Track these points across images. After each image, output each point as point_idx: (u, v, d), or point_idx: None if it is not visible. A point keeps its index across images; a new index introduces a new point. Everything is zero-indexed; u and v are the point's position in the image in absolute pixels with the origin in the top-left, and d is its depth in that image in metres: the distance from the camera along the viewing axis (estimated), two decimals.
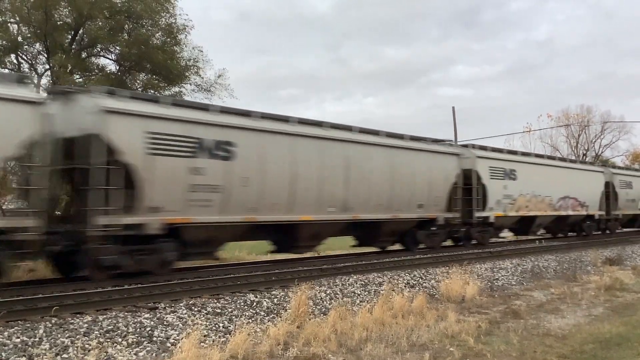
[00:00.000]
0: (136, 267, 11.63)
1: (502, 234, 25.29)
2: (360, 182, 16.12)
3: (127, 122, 11.41)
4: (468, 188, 20.21)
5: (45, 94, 10.98)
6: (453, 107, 38.10)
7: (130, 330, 8.23)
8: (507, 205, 21.89)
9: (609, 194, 29.33)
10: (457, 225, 19.92)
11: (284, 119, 14.73)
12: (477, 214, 20.34)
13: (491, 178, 21.06)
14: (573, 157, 49.45)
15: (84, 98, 11.53)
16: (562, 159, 31.21)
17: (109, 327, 8.18)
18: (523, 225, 23.89)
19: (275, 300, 10.60)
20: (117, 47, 21.41)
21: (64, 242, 10.99)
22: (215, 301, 10.07)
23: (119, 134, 11.26)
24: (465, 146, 21.71)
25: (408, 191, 17.81)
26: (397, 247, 19.40)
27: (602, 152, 57.14)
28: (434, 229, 18.99)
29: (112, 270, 11.26)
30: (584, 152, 56.47)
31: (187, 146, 12.20)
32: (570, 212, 26.11)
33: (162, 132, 11.87)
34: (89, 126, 11.08)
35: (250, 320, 9.39)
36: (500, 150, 23.37)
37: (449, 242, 21.37)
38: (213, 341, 8.14)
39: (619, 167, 36.33)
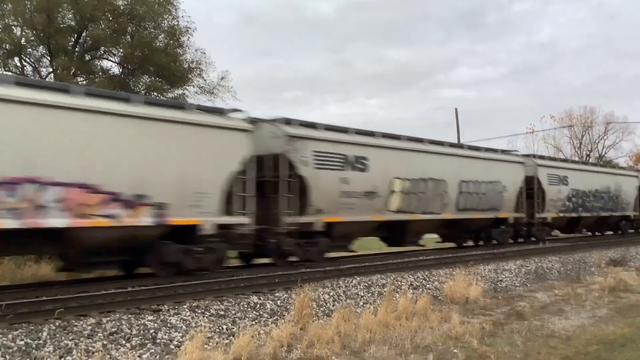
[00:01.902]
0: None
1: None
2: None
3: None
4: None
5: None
6: (456, 109, 38.23)
7: (134, 332, 8.24)
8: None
9: None
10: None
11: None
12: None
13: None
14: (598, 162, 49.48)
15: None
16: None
17: (113, 330, 8.18)
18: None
19: (279, 302, 10.59)
20: (120, 50, 21.48)
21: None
22: (219, 303, 10.07)
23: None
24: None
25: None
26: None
27: (605, 153, 57.09)
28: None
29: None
30: (588, 153, 56.41)
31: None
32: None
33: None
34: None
35: (253, 322, 9.39)
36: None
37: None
38: (217, 343, 8.14)
39: None
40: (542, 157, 25.94)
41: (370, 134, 17.10)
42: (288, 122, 15.02)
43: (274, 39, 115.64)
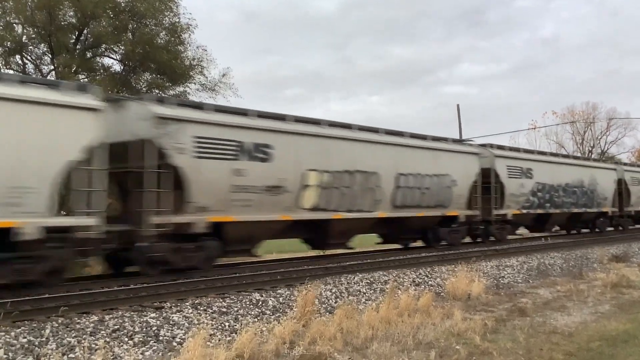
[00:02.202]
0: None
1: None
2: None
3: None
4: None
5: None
6: (458, 105, 38.03)
7: (137, 329, 8.25)
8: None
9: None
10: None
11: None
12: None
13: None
14: (579, 154, 49.36)
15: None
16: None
17: (116, 327, 8.20)
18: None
19: (281, 299, 10.61)
20: (122, 47, 21.45)
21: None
22: (221, 300, 10.08)
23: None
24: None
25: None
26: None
27: (607, 149, 56.99)
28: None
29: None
30: (590, 148, 56.31)
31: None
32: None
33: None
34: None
35: (256, 319, 9.39)
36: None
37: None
38: (219, 340, 8.15)
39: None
40: (501, 147, 22.96)
41: (280, 117, 14.49)
42: (160, 100, 12.81)
43: (275, 36, 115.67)
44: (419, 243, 19.61)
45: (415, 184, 17.60)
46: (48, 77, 19.73)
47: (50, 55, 20.79)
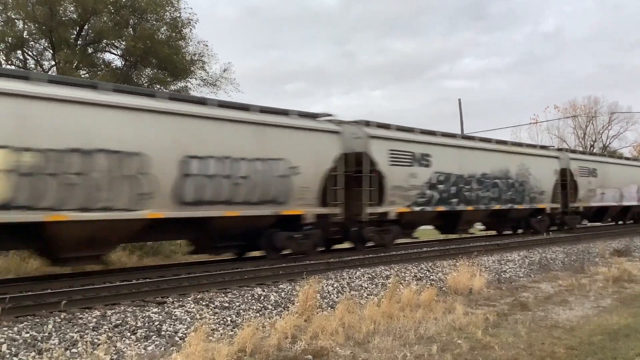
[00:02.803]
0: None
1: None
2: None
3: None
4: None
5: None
6: (459, 100, 37.97)
7: (139, 324, 8.27)
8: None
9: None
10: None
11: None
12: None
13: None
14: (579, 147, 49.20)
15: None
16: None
17: (118, 322, 8.22)
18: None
19: (283, 294, 10.62)
20: (123, 42, 21.46)
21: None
22: (223, 295, 10.10)
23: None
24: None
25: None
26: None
27: (609, 143, 56.89)
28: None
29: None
30: (592, 143, 56.22)
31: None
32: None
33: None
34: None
35: (258, 314, 9.42)
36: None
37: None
38: (221, 335, 8.18)
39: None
40: (383, 126, 16.92)
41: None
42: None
43: (277, 31, 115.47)
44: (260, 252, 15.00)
45: (224, 171, 12.56)
46: (49, 73, 19.74)
47: (51, 51, 20.80)
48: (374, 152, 16.00)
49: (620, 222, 31.36)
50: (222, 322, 8.92)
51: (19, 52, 20.78)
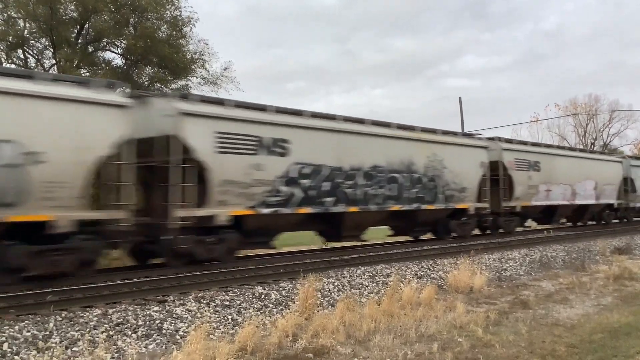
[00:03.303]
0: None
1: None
2: None
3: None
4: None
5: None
6: (460, 98, 37.83)
7: (140, 323, 8.28)
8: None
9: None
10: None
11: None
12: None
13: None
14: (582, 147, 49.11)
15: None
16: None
17: (119, 320, 8.23)
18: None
19: (284, 292, 10.63)
20: (123, 41, 21.45)
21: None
22: (224, 294, 10.11)
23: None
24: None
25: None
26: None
27: (610, 141, 56.84)
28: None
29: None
30: (592, 141, 56.18)
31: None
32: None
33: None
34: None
35: (258, 313, 9.43)
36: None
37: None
38: (222, 333, 8.19)
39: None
40: (210, 101, 13.13)
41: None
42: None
43: (279, 30, 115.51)
44: None
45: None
46: (50, 72, 19.75)
47: (51, 50, 20.80)
48: (189, 135, 11.96)
49: (579, 224, 27.90)
50: (223, 320, 8.93)
51: (20, 51, 20.79)
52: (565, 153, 26.14)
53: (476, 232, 21.01)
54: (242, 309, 9.52)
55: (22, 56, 20.91)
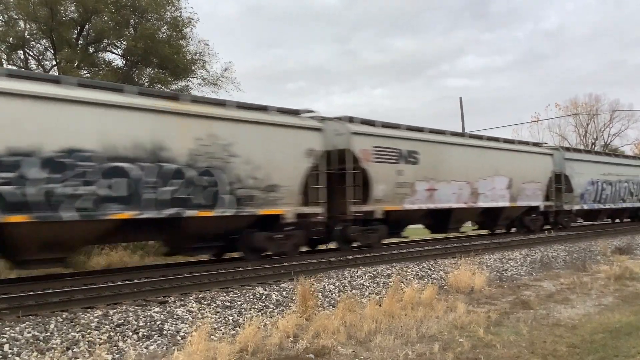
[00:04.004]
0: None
1: None
2: None
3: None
4: None
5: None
6: (460, 98, 37.82)
7: (141, 324, 8.28)
8: None
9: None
10: None
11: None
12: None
13: None
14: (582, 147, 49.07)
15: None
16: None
17: (120, 321, 8.23)
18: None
19: (284, 293, 10.62)
20: (123, 42, 21.48)
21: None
22: (225, 294, 10.11)
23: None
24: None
25: None
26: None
27: (611, 141, 56.82)
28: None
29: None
30: (593, 141, 56.17)
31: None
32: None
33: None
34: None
35: (259, 313, 9.42)
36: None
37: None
38: (223, 334, 8.19)
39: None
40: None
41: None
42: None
43: (279, 30, 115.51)
44: None
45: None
46: (50, 72, 19.77)
47: (52, 51, 20.83)
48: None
49: (501, 231, 22.63)
50: (223, 321, 8.92)
51: (20, 52, 20.82)
52: (461, 141, 19.71)
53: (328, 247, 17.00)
54: (242, 310, 9.52)
55: (22, 57, 20.94)
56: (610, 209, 28.09)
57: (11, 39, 20.12)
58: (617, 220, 31.03)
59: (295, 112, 14.88)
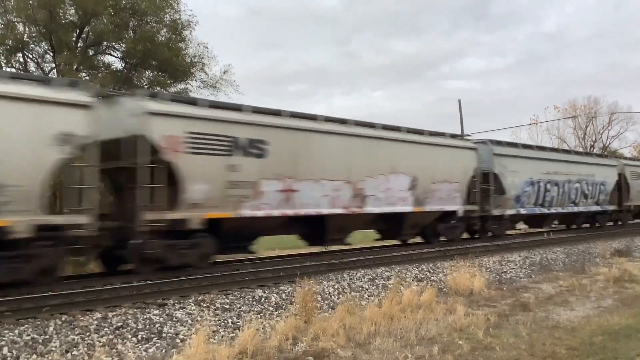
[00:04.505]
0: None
1: None
2: None
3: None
4: None
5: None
6: (459, 100, 37.75)
7: (140, 326, 8.27)
8: None
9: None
10: None
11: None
12: None
13: None
14: (580, 149, 49.12)
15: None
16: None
17: (119, 324, 8.22)
18: None
19: (284, 295, 10.62)
20: (123, 45, 21.49)
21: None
22: (224, 297, 10.10)
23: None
24: None
25: None
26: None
27: (609, 144, 56.82)
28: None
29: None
30: (592, 143, 56.17)
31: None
32: None
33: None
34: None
35: (258, 316, 9.41)
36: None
37: None
38: (222, 337, 8.18)
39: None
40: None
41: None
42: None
43: (280, 32, 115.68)
44: None
45: None
46: (49, 75, 19.77)
47: (51, 54, 20.83)
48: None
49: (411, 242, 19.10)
50: (223, 323, 8.92)
51: (20, 54, 20.82)
52: (337, 129, 15.31)
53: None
54: (242, 312, 9.51)
55: (22, 60, 20.94)
56: (558, 213, 24.43)
57: (10, 41, 20.12)
58: (574, 227, 27.30)
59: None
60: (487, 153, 20.32)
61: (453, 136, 20.45)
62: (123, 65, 22.35)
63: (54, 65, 20.82)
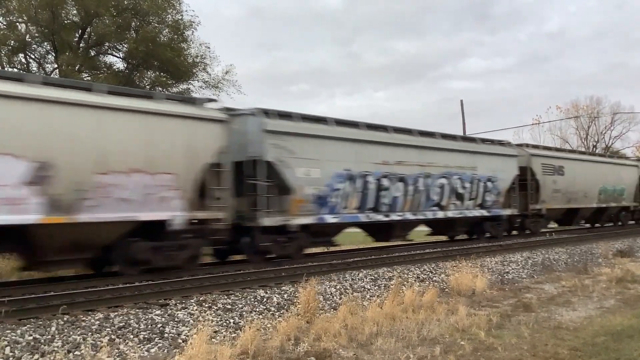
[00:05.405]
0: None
1: None
2: None
3: None
4: None
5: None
6: (461, 101, 37.85)
7: (142, 326, 8.27)
8: None
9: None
10: None
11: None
12: None
13: None
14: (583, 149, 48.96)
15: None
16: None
17: (121, 324, 8.22)
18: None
19: (286, 295, 10.61)
20: (125, 45, 21.53)
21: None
22: (226, 297, 10.10)
23: None
24: None
25: None
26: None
27: (612, 144, 56.75)
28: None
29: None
30: (594, 143, 56.11)
31: None
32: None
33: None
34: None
35: (260, 316, 9.41)
36: None
37: None
38: (224, 337, 8.18)
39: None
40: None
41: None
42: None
43: (282, 32, 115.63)
44: None
45: None
46: (52, 75, 19.80)
47: (53, 54, 20.88)
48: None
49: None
50: (224, 324, 8.92)
51: (21, 55, 20.86)
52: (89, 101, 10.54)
53: None
54: (243, 313, 9.51)
55: (23, 60, 20.98)
56: (409, 221, 17.25)
57: (12, 42, 20.16)
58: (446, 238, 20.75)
59: None
60: (252, 129, 13.54)
61: (170, 98, 13.21)
62: (125, 65, 22.40)
63: (55, 65, 20.86)
